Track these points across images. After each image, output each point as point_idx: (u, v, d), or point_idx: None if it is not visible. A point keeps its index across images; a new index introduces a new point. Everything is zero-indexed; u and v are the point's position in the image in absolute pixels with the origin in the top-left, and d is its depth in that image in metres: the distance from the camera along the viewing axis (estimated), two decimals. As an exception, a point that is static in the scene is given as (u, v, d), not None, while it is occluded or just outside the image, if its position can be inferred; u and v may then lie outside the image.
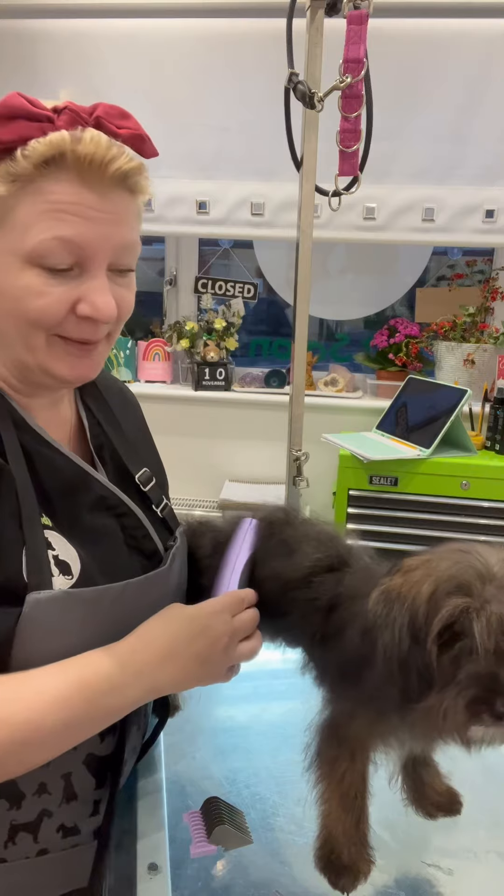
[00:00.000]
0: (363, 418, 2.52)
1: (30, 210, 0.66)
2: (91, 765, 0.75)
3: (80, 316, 0.70)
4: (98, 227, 0.67)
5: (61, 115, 0.66)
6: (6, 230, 0.67)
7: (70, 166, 0.66)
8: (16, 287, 0.67)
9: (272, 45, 1.62)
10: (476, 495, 2.12)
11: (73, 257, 0.68)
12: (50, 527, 0.72)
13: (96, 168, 0.66)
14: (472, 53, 2.29)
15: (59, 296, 0.68)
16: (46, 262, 0.67)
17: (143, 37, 2.38)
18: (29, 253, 0.66)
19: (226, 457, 2.65)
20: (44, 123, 0.65)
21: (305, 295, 1.62)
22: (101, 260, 0.69)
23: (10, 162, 0.65)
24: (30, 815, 0.72)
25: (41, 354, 0.71)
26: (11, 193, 0.66)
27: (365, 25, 1.34)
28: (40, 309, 0.68)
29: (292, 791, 0.90)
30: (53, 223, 0.66)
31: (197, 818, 0.80)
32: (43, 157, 0.65)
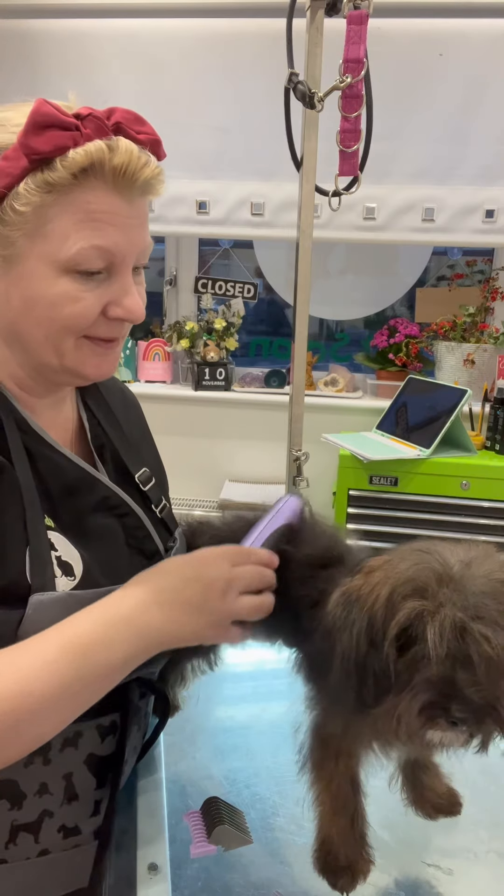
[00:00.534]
0: (363, 418, 2.52)
1: (66, 219, 0.67)
2: (92, 765, 0.75)
3: (111, 318, 0.72)
4: (128, 233, 0.70)
5: (86, 123, 0.66)
6: (41, 239, 0.68)
7: (107, 176, 0.67)
8: (50, 294, 0.69)
9: (272, 45, 1.62)
10: (476, 495, 2.12)
11: (104, 262, 0.70)
12: (53, 528, 0.72)
13: (129, 177, 0.68)
14: (472, 53, 2.29)
15: (93, 300, 0.70)
16: (80, 268, 0.69)
17: (143, 37, 2.38)
18: (66, 261, 0.68)
19: (226, 457, 2.65)
20: (74, 132, 0.66)
21: (305, 295, 1.62)
22: (129, 263, 0.72)
23: (48, 172, 0.65)
24: (31, 816, 0.72)
25: (70, 357, 0.73)
26: (47, 203, 0.67)
27: (365, 25, 1.34)
28: (76, 314, 0.70)
29: (292, 791, 0.90)
30: (90, 232, 0.68)
31: (197, 818, 0.80)
32: (81, 166, 0.66)
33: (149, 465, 0.89)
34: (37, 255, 0.68)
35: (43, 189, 0.66)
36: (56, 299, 0.69)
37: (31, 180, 0.66)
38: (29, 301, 0.70)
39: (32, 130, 0.65)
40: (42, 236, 0.68)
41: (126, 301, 0.72)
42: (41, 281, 0.69)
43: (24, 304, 0.70)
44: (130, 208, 0.70)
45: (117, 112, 0.70)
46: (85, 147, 0.66)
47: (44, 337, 0.71)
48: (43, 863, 0.74)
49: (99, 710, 0.74)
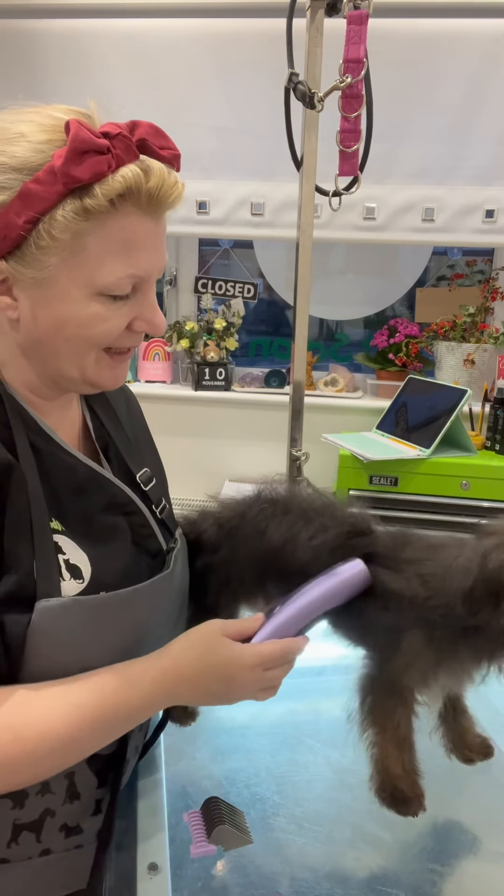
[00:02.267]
0: (363, 418, 2.52)
1: (103, 247, 0.68)
2: (94, 764, 0.76)
3: (135, 331, 0.75)
4: (157, 255, 0.72)
5: (115, 143, 0.66)
6: (76, 264, 0.68)
7: (142, 200, 0.68)
8: (82, 315, 0.70)
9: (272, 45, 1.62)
10: (476, 495, 2.12)
11: (133, 284, 0.72)
12: (60, 531, 0.72)
13: (161, 200, 0.69)
14: (472, 53, 2.29)
15: (120, 319, 0.72)
16: (112, 293, 0.70)
17: (143, 37, 2.38)
18: (100, 288, 0.69)
19: (226, 457, 2.65)
20: (108, 156, 0.65)
21: (305, 295, 1.62)
22: (154, 281, 0.74)
23: (87, 199, 0.65)
24: (33, 815, 0.73)
25: (90, 370, 0.75)
26: (85, 230, 0.67)
27: (365, 25, 1.34)
28: (104, 332, 0.72)
29: (292, 791, 0.90)
30: (126, 260, 0.69)
31: (197, 818, 0.80)
32: (118, 192, 0.66)
33: (149, 465, 0.89)
34: (70, 279, 0.69)
35: (80, 216, 0.66)
36: (87, 321, 0.70)
37: (69, 207, 0.66)
38: (58, 321, 0.70)
39: (73, 158, 0.64)
40: (77, 262, 0.68)
41: (151, 316, 0.75)
42: (73, 304, 0.70)
43: (52, 324, 0.71)
44: (157, 228, 0.72)
45: (141, 127, 0.69)
46: (122, 173, 0.66)
47: (70, 353, 0.73)
48: (44, 862, 0.74)
49: None
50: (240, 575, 0.88)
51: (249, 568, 0.87)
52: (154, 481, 0.88)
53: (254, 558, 0.86)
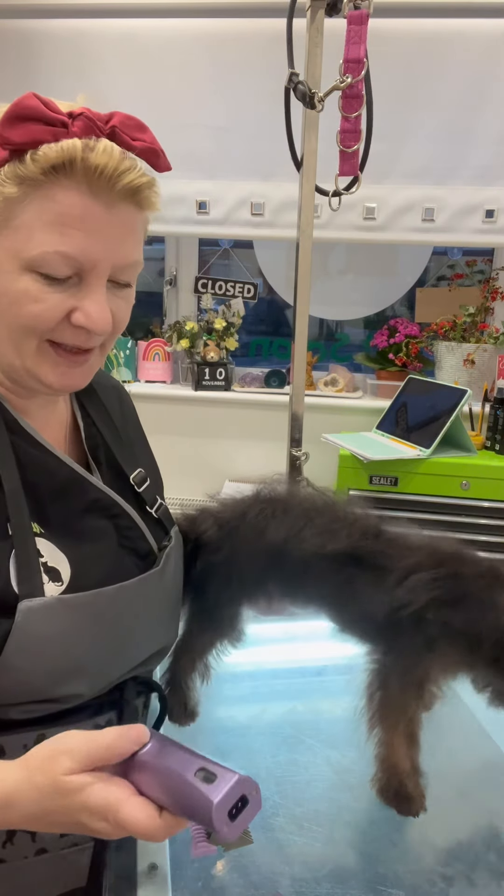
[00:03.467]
0: (363, 418, 2.52)
1: (35, 216, 0.65)
2: None
3: (74, 325, 0.69)
4: (101, 241, 0.67)
5: (76, 122, 0.64)
6: (9, 231, 0.66)
7: (79, 175, 0.64)
8: (12, 290, 0.67)
9: (272, 45, 1.62)
10: (476, 495, 2.12)
11: (72, 269, 0.67)
12: (39, 533, 0.71)
13: (106, 180, 0.65)
14: (472, 53, 2.29)
15: (55, 303, 0.67)
16: (45, 271, 0.66)
17: (143, 37, 2.38)
18: (29, 260, 0.66)
19: (226, 457, 2.65)
20: (57, 128, 0.63)
21: (305, 295, 1.62)
22: (102, 273, 0.68)
23: (19, 164, 0.64)
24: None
25: (30, 359, 0.70)
26: (17, 196, 0.64)
27: (365, 25, 1.34)
28: (34, 314, 0.67)
29: (292, 791, 0.90)
30: (57, 237, 0.65)
31: (197, 818, 0.79)
32: (51, 162, 0.63)
33: (143, 465, 0.89)
34: (3, 247, 0.66)
35: (13, 181, 0.64)
36: (17, 296, 0.67)
37: (3, 171, 0.64)
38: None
39: (10, 121, 0.63)
40: (9, 229, 0.66)
41: (90, 308, 0.68)
42: (4, 275, 0.67)
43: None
44: (108, 215, 0.66)
45: (116, 116, 0.67)
46: (59, 143, 0.63)
47: (6, 334, 0.69)
48: (41, 862, 0.74)
49: (96, 709, 0.75)
50: (241, 575, 0.88)
51: (251, 568, 0.87)
52: (148, 482, 0.87)
53: (255, 558, 0.86)
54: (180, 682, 0.92)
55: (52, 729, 0.70)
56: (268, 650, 1.24)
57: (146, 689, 0.85)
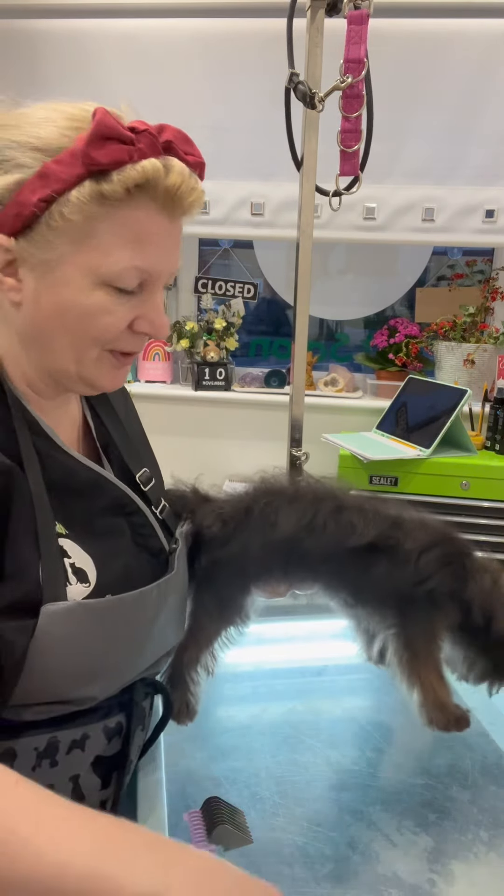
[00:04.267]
0: (363, 418, 2.52)
1: (113, 235, 0.68)
2: (98, 766, 0.75)
3: (136, 332, 0.73)
4: (167, 254, 0.71)
5: (140, 138, 0.66)
6: (86, 249, 0.68)
7: (158, 195, 0.68)
8: (84, 304, 0.69)
9: (272, 45, 1.62)
10: (476, 495, 2.12)
11: (140, 280, 0.71)
12: (64, 534, 0.72)
13: (179, 199, 0.69)
14: (472, 53, 2.29)
15: (123, 314, 0.71)
16: (119, 285, 0.69)
17: (143, 37, 2.38)
18: (106, 276, 0.68)
19: (226, 457, 2.65)
20: (130, 147, 0.66)
21: (305, 295, 1.62)
22: (162, 282, 0.73)
23: (104, 183, 0.65)
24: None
25: (89, 367, 0.73)
26: (98, 216, 0.67)
27: (365, 25, 1.34)
28: (105, 326, 0.71)
29: (292, 791, 0.90)
30: (135, 253, 0.68)
31: (197, 818, 0.80)
32: (136, 182, 0.66)
33: (147, 465, 0.89)
34: (77, 264, 0.68)
35: (95, 200, 0.66)
36: (89, 310, 0.69)
37: (85, 189, 0.65)
38: (60, 307, 0.69)
39: (95, 141, 0.64)
40: (87, 247, 0.68)
41: (154, 317, 0.73)
42: (77, 291, 0.69)
43: (54, 310, 0.70)
44: (172, 228, 0.71)
45: (168, 130, 0.70)
46: (142, 164, 0.66)
47: (68, 344, 0.71)
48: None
49: (106, 711, 0.75)
50: (253, 566, 0.91)
51: (263, 559, 0.90)
52: (153, 482, 0.88)
53: (267, 549, 0.89)
54: (184, 677, 0.92)
55: (64, 731, 0.71)
56: (268, 650, 1.24)
57: (153, 691, 0.85)
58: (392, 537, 0.88)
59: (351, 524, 0.88)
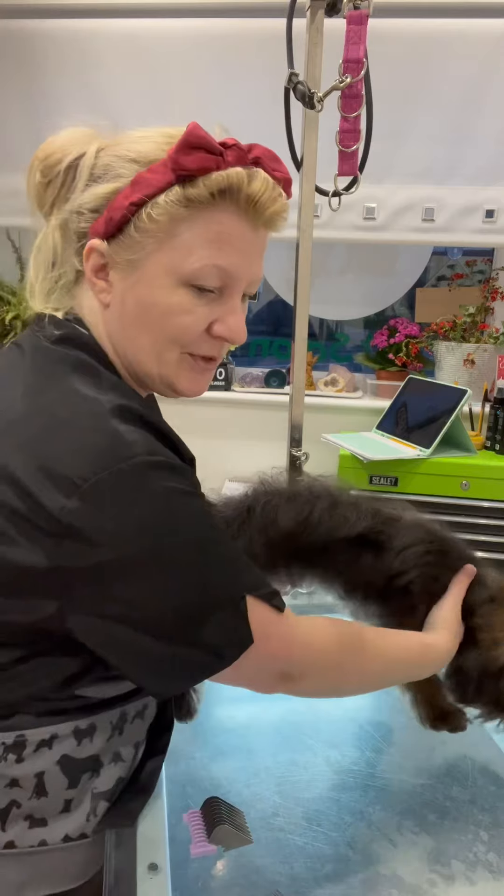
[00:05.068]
0: (363, 418, 2.52)
1: (196, 235, 0.72)
2: (150, 731, 0.84)
3: (214, 336, 0.76)
4: (246, 259, 0.75)
5: (229, 151, 0.71)
6: (169, 249, 0.72)
7: (241, 201, 0.72)
8: (165, 303, 0.73)
9: (272, 45, 1.62)
10: (476, 495, 2.12)
11: (220, 282, 0.74)
12: None
13: (260, 207, 0.73)
14: (472, 53, 2.29)
15: (202, 315, 0.75)
16: (199, 283, 0.73)
17: (143, 37, 2.38)
18: (187, 275, 0.72)
19: (226, 457, 2.65)
20: (218, 157, 0.71)
21: (305, 295, 1.62)
22: (241, 288, 0.77)
23: (190, 187, 0.70)
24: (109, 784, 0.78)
25: (170, 368, 0.77)
26: (181, 217, 0.71)
27: (365, 25, 1.34)
28: (184, 325, 0.74)
29: (292, 791, 0.90)
30: (214, 252, 0.72)
31: (197, 818, 0.80)
32: (220, 187, 0.71)
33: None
34: (161, 263, 0.73)
35: (181, 203, 0.71)
36: (170, 308, 0.73)
37: (171, 193, 0.71)
38: (143, 305, 0.74)
39: (184, 148, 0.69)
40: (170, 247, 0.72)
41: (231, 321, 0.76)
42: (160, 289, 0.73)
43: (137, 308, 0.74)
44: (254, 236, 0.75)
45: (257, 148, 0.75)
46: (227, 171, 0.71)
47: (150, 343, 0.75)
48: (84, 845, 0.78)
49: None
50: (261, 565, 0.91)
51: (270, 556, 0.91)
52: None
53: (273, 546, 0.90)
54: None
55: (130, 704, 0.79)
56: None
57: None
58: (383, 532, 0.91)
59: (344, 517, 0.90)
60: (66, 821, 0.75)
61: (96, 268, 0.75)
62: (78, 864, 0.77)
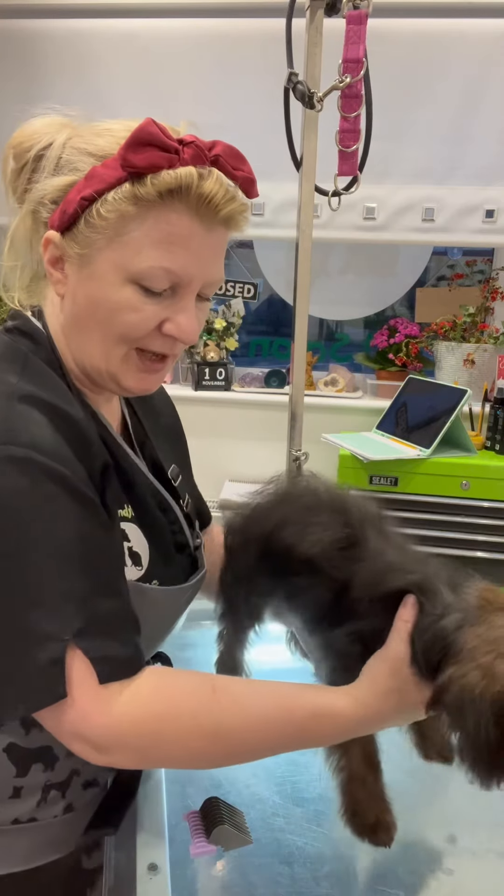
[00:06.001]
0: (363, 418, 2.52)
1: (145, 234, 0.70)
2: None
3: (164, 334, 0.75)
4: (199, 260, 0.73)
5: (186, 149, 0.69)
6: (118, 246, 0.71)
7: (192, 200, 0.70)
8: (113, 299, 0.72)
9: (272, 45, 1.62)
10: (476, 495, 2.12)
11: (169, 283, 0.73)
12: (129, 518, 0.78)
13: (213, 207, 0.71)
14: (472, 53, 2.29)
15: (151, 314, 0.73)
16: (146, 284, 0.72)
17: (143, 37, 2.38)
18: (134, 274, 0.71)
19: (226, 457, 2.65)
20: (171, 155, 0.69)
21: (305, 295, 1.62)
22: (194, 288, 0.75)
23: (139, 185, 0.69)
24: (62, 776, 0.81)
25: (115, 365, 0.76)
26: (132, 215, 0.70)
27: (364, 25, 1.34)
28: (131, 323, 0.73)
29: (292, 791, 0.90)
30: (163, 253, 0.71)
31: (197, 818, 0.80)
32: (169, 186, 0.69)
33: (178, 461, 0.96)
34: (110, 260, 0.71)
35: (130, 201, 0.69)
36: (118, 305, 0.72)
37: (121, 190, 0.69)
38: (92, 301, 0.73)
39: (133, 145, 0.68)
40: (119, 244, 0.71)
41: (181, 320, 0.74)
42: (108, 285, 0.72)
43: (87, 303, 0.73)
44: (208, 236, 0.73)
45: (219, 145, 0.73)
46: (177, 171, 0.69)
47: (99, 339, 0.74)
48: (69, 818, 0.82)
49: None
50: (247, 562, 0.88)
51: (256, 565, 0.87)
52: (181, 477, 0.94)
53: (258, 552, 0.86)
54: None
55: None
56: (268, 650, 1.24)
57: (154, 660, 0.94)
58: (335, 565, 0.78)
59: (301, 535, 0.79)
60: (14, 806, 0.79)
61: (52, 259, 0.75)
62: (24, 848, 0.80)
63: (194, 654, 1.17)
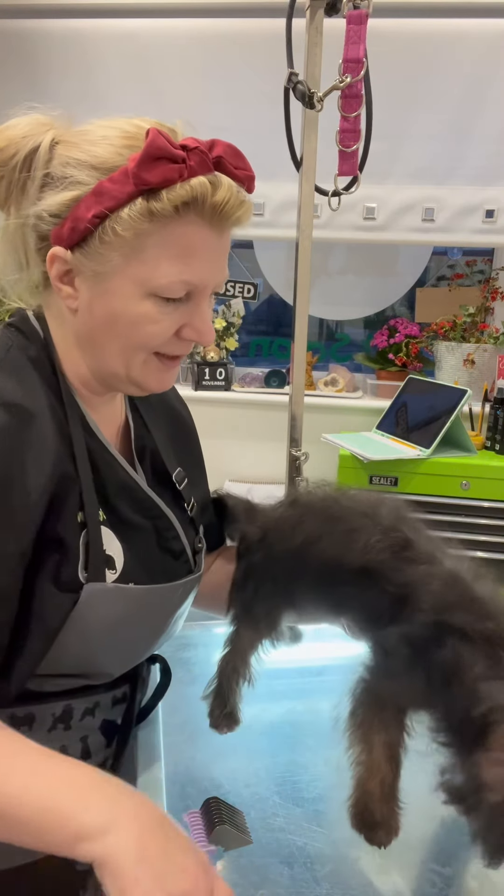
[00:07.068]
0: (363, 418, 2.52)
1: (161, 249, 0.71)
2: (104, 728, 0.84)
3: (183, 338, 0.77)
4: (212, 265, 0.75)
5: (191, 156, 0.69)
6: (136, 262, 0.71)
7: (206, 211, 0.71)
8: (133, 313, 0.73)
9: (272, 45, 1.62)
10: (476, 495, 2.12)
11: (187, 291, 0.74)
12: (103, 521, 0.78)
13: (225, 214, 0.72)
14: (472, 53, 2.29)
15: (170, 323, 0.74)
16: (165, 295, 0.73)
17: (143, 37, 2.38)
18: (154, 289, 0.72)
19: (226, 457, 2.65)
20: (180, 165, 0.68)
21: (305, 295, 1.62)
22: (209, 291, 0.76)
23: (154, 201, 0.69)
24: None
25: (136, 370, 0.77)
26: (147, 231, 0.70)
27: (364, 25, 1.34)
28: (152, 334, 0.74)
29: (292, 791, 0.90)
30: (182, 267, 0.72)
31: (197, 818, 0.80)
32: (184, 200, 0.69)
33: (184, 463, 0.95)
34: (128, 275, 0.72)
35: (145, 217, 0.69)
36: (138, 319, 0.73)
37: (136, 207, 0.69)
38: (111, 316, 0.74)
39: (146, 162, 0.67)
40: (136, 260, 0.71)
41: (200, 325, 0.76)
42: (127, 300, 0.73)
43: (105, 318, 0.74)
44: (220, 241, 0.74)
45: (219, 146, 0.73)
46: (190, 183, 0.69)
47: (118, 350, 0.75)
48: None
49: (114, 681, 0.84)
50: (274, 577, 0.88)
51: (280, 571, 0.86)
52: (186, 480, 0.93)
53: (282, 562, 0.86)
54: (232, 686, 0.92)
55: (79, 700, 0.80)
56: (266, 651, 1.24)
57: (151, 662, 0.94)
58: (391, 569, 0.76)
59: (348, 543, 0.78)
60: None
61: (60, 274, 0.74)
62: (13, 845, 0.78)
63: (195, 654, 1.17)
